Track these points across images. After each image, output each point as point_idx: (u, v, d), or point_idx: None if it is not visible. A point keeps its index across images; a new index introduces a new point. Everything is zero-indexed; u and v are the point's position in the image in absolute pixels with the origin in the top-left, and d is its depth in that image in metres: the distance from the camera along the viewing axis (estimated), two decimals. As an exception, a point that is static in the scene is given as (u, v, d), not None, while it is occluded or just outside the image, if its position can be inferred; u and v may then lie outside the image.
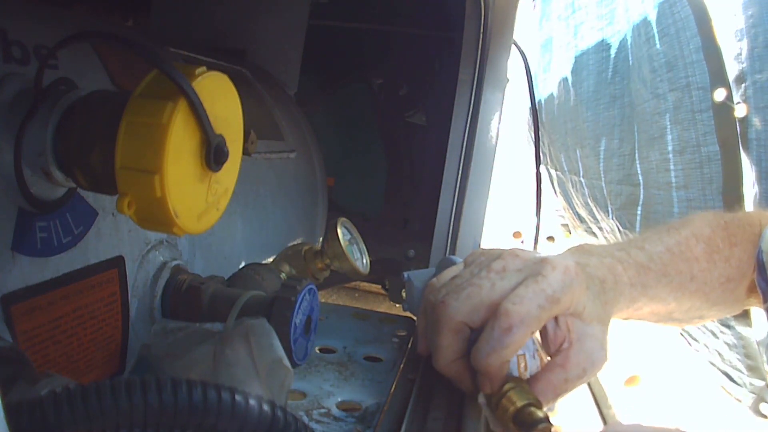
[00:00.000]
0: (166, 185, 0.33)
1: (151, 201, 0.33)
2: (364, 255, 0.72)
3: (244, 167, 0.41)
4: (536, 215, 1.30)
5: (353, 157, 1.30)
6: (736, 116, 1.20)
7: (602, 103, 1.78)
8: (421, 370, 0.57)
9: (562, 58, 2.04)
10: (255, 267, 0.59)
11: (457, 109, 0.98)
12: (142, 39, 0.66)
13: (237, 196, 0.59)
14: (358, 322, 0.73)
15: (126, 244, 0.48)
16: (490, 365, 0.45)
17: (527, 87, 1.27)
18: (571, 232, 2.46)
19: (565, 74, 2.01)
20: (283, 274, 0.64)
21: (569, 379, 0.46)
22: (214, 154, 0.36)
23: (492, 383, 0.46)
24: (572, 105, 1.98)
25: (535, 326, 0.46)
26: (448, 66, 1.05)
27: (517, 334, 0.44)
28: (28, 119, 0.36)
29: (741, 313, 1.21)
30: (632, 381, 1.74)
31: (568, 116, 2.05)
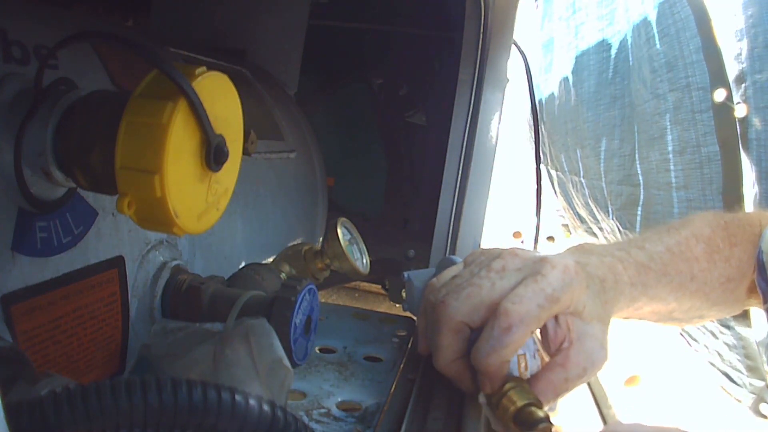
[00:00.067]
0: (166, 185, 0.33)
1: (151, 201, 0.33)
2: (364, 255, 0.72)
3: (244, 167, 0.41)
4: (536, 215, 1.30)
5: (353, 157, 1.30)
6: (736, 116, 1.20)
7: (603, 104, 1.78)
8: (421, 370, 0.57)
9: (563, 59, 2.04)
10: (255, 267, 0.59)
11: (457, 109, 0.98)
12: (142, 39, 0.66)
13: (237, 196, 0.59)
14: (358, 322, 0.73)
15: (126, 244, 0.48)
16: (491, 365, 0.45)
17: (527, 87, 1.27)
18: (571, 233, 2.46)
19: (566, 74, 2.01)
20: (283, 274, 0.64)
21: (569, 379, 0.46)
22: (214, 154, 0.36)
23: (492, 383, 0.46)
24: (573, 105, 1.98)
25: (535, 325, 0.46)
26: (448, 66, 1.05)
27: (517, 333, 0.44)
28: (28, 119, 0.36)
29: (741, 314, 1.21)
30: (632, 381, 1.74)
31: (569, 116, 2.05)
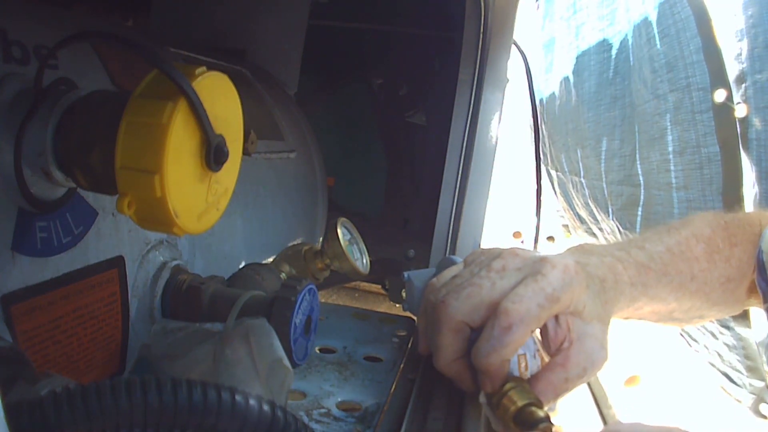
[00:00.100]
0: (166, 185, 0.33)
1: (151, 201, 0.33)
2: (364, 255, 0.72)
3: (244, 167, 0.41)
4: (536, 215, 1.30)
5: (353, 157, 1.30)
6: (737, 116, 1.20)
7: (603, 104, 1.78)
8: (421, 370, 0.57)
9: (564, 59, 2.04)
10: (255, 267, 0.59)
11: (457, 109, 0.98)
12: (142, 39, 0.66)
13: (237, 196, 0.59)
14: (358, 322, 0.73)
15: (126, 244, 0.48)
16: (491, 364, 0.45)
17: (527, 87, 1.27)
18: (571, 233, 2.46)
19: (567, 75, 2.01)
20: (283, 274, 0.64)
21: (570, 379, 0.46)
22: (214, 154, 0.36)
23: (493, 382, 0.46)
24: (573, 105, 1.98)
25: (535, 325, 0.46)
26: (448, 66, 1.05)
27: (517, 332, 0.44)
28: (28, 119, 0.36)
29: (740, 315, 1.22)
30: (632, 381, 1.74)
31: (569, 117, 2.05)
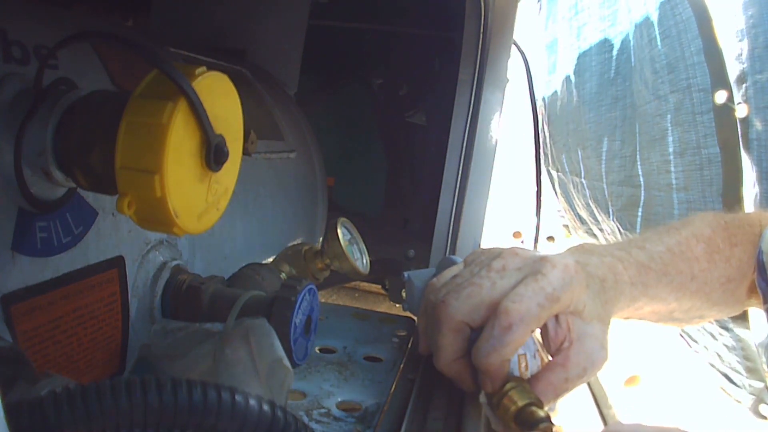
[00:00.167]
0: (166, 185, 0.33)
1: (151, 201, 0.33)
2: (364, 255, 0.72)
3: (244, 167, 0.41)
4: (536, 215, 1.30)
5: (353, 157, 1.30)
6: (737, 116, 1.20)
7: (604, 104, 1.78)
8: (421, 370, 0.57)
9: (566, 59, 2.04)
10: (255, 267, 0.59)
11: (457, 109, 0.98)
12: (142, 39, 0.66)
13: (237, 196, 0.59)
14: (358, 322, 0.73)
15: (126, 244, 0.48)
16: (491, 364, 0.45)
17: (527, 87, 1.27)
18: (571, 233, 2.46)
19: (569, 75, 2.01)
20: (283, 274, 0.64)
21: (570, 379, 0.46)
22: (214, 154, 0.36)
23: (493, 382, 0.46)
24: (574, 106, 1.98)
25: (535, 324, 0.46)
26: (448, 66, 1.05)
27: (517, 332, 0.44)
28: (28, 119, 0.36)
29: (739, 316, 1.21)
30: (632, 381, 1.74)
31: (570, 117, 2.05)
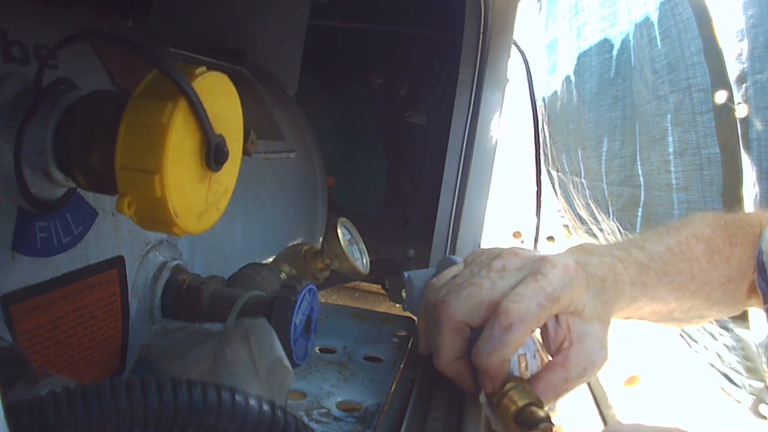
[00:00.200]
0: (166, 185, 0.33)
1: (151, 201, 0.33)
2: (364, 255, 0.72)
3: (244, 167, 0.41)
4: (536, 215, 1.30)
5: (353, 157, 1.30)
6: (737, 116, 1.20)
7: (604, 104, 1.78)
8: (421, 370, 0.57)
9: (566, 59, 2.04)
10: (255, 267, 0.59)
11: (457, 109, 0.98)
12: (142, 39, 0.66)
13: (237, 196, 0.59)
14: (358, 322, 0.73)
15: (126, 244, 0.48)
16: (491, 364, 0.45)
17: (527, 87, 1.27)
18: (571, 233, 2.46)
19: (569, 75, 2.01)
20: (283, 274, 0.64)
21: (570, 379, 0.46)
22: (214, 154, 0.36)
23: (493, 382, 0.46)
24: (575, 106, 1.98)
25: (535, 324, 0.46)
26: (448, 66, 1.05)
27: (518, 332, 0.44)
28: (28, 119, 0.36)
29: (739, 316, 1.21)
30: (632, 381, 1.74)
31: (570, 117, 2.05)
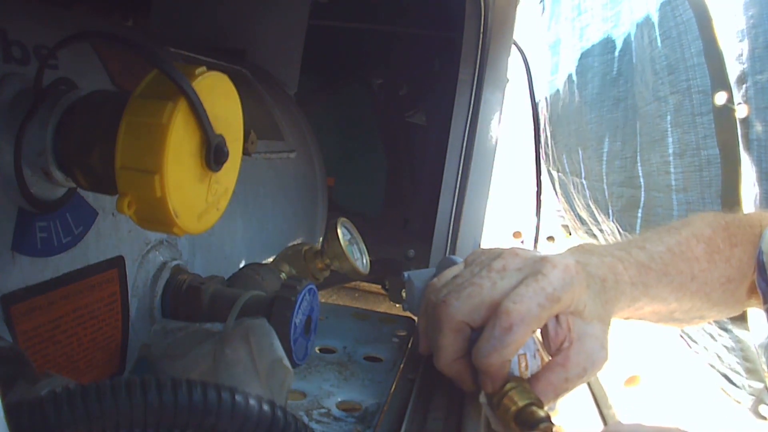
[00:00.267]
0: (166, 185, 0.33)
1: (151, 201, 0.33)
2: (364, 255, 0.72)
3: (244, 167, 0.41)
4: (536, 215, 1.30)
5: (353, 157, 1.30)
6: (737, 117, 1.20)
7: (606, 105, 1.78)
8: (421, 370, 0.57)
9: (569, 60, 2.04)
10: (255, 267, 0.59)
11: (457, 109, 0.98)
12: (142, 39, 0.66)
13: (237, 196, 0.59)
14: (358, 322, 0.73)
15: (126, 244, 0.48)
16: (492, 364, 0.45)
17: (527, 87, 1.27)
18: (571, 233, 2.46)
19: (571, 76, 2.01)
20: (283, 274, 0.64)
21: (570, 379, 0.46)
22: (214, 154, 0.36)
23: (493, 382, 0.46)
24: (576, 106, 1.97)
25: (536, 325, 0.46)
26: (448, 66, 1.05)
27: (518, 332, 0.44)
28: (28, 119, 0.36)
29: (738, 317, 1.21)
30: (632, 381, 1.73)
31: (572, 118, 2.04)
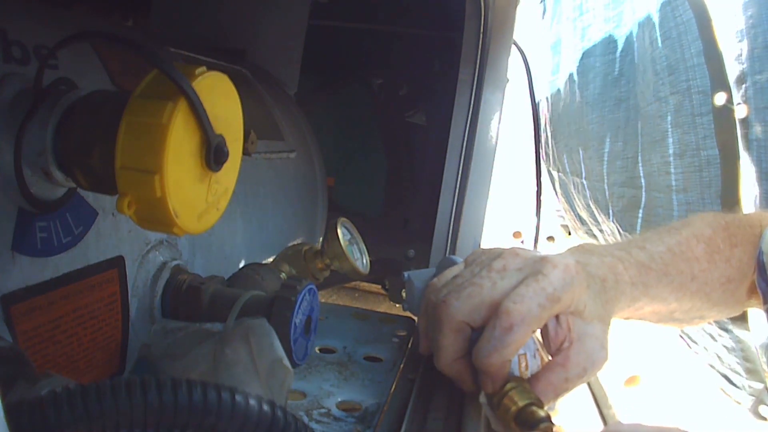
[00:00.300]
0: (166, 185, 0.33)
1: (151, 201, 0.33)
2: (364, 255, 0.72)
3: (244, 167, 0.41)
4: (536, 215, 1.30)
5: (353, 157, 1.30)
6: (737, 117, 1.20)
7: (608, 105, 1.78)
8: (421, 370, 0.57)
9: (570, 60, 2.04)
10: (255, 267, 0.59)
11: (457, 109, 0.98)
12: (142, 39, 0.66)
13: (237, 196, 0.59)
14: (358, 322, 0.73)
15: (126, 244, 0.48)
16: (492, 364, 0.45)
17: (527, 87, 1.27)
18: (571, 233, 2.46)
19: (573, 76, 2.01)
20: (283, 274, 0.64)
21: (570, 379, 0.46)
22: (214, 154, 0.36)
23: (493, 382, 0.46)
24: (577, 107, 1.97)
25: (536, 325, 0.46)
26: (448, 66, 1.05)
27: (518, 332, 0.44)
28: (28, 119, 0.36)
29: (739, 317, 1.21)
30: (632, 381, 1.73)
31: (573, 118, 2.04)
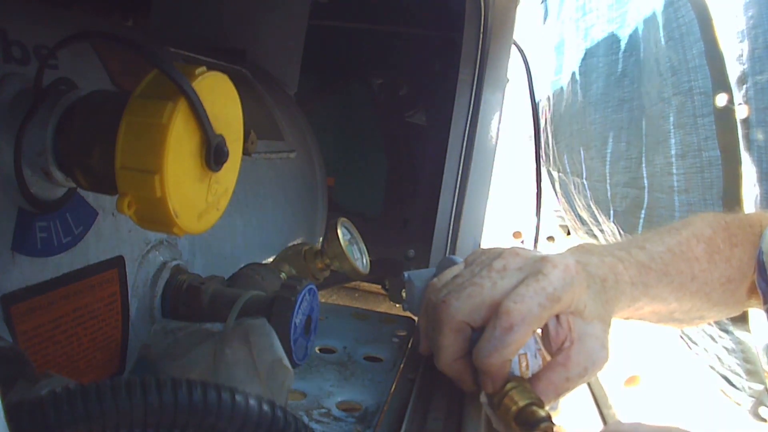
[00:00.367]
0: (166, 185, 0.33)
1: (151, 201, 0.33)
2: (364, 255, 0.72)
3: (244, 167, 0.41)
4: (536, 215, 1.30)
5: (353, 157, 1.30)
6: (738, 118, 1.20)
7: (611, 106, 1.77)
8: (421, 370, 0.57)
9: (573, 60, 2.04)
10: (255, 267, 0.59)
11: (457, 109, 0.98)
12: (142, 39, 0.66)
13: (237, 196, 0.59)
14: (358, 322, 0.73)
15: (126, 244, 0.48)
16: (492, 364, 0.45)
17: (527, 87, 1.27)
18: (571, 233, 2.46)
19: (575, 76, 2.01)
20: (283, 274, 0.64)
21: (570, 378, 0.46)
22: (214, 154, 0.36)
23: (494, 382, 0.46)
24: (579, 107, 1.97)
25: (536, 325, 0.46)
26: (448, 66, 1.05)
27: (519, 332, 0.44)
28: (28, 119, 0.36)
29: (739, 318, 1.21)
30: (632, 381, 1.73)
31: (574, 118, 2.04)
